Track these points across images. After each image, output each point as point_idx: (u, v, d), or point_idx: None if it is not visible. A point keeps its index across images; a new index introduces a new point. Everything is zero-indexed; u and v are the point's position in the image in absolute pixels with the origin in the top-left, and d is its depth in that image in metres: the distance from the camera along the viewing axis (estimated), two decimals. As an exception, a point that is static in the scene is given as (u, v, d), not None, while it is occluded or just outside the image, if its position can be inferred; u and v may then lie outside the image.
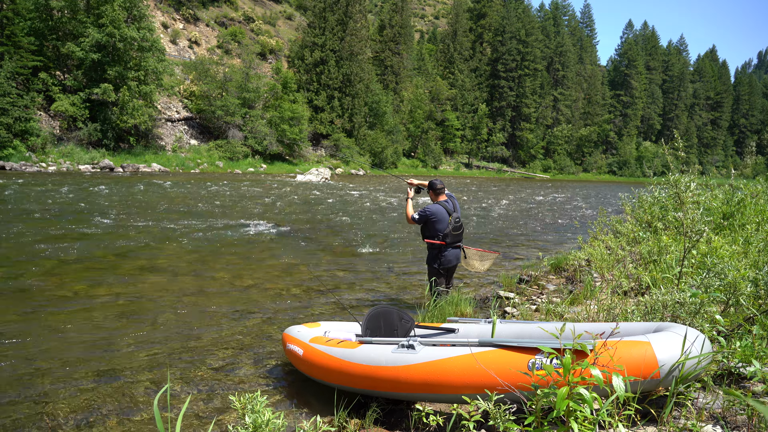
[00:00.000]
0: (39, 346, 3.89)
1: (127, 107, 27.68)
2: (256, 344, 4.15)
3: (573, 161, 69.55)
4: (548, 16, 75.02)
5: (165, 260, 7.03)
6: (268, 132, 36.05)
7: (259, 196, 17.38)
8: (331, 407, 2.90)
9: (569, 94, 71.31)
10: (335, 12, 44.58)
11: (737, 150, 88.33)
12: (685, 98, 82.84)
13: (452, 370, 2.48)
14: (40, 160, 24.15)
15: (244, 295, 5.58)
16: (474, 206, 18.09)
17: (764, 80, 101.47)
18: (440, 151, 54.91)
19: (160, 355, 3.85)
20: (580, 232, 11.36)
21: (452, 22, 63.90)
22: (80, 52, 26.33)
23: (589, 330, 2.68)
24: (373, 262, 7.68)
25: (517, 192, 28.91)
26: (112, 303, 5.05)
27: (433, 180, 4.98)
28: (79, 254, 7.05)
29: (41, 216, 10.09)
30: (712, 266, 3.05)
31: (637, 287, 4.58)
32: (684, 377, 2.11)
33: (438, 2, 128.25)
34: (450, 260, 4.84)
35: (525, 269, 6.78)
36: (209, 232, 9.50)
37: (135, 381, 3.40)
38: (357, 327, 3.73)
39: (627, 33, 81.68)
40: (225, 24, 47.48)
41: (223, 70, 36.40)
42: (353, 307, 5.30)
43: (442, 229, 4.72)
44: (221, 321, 4.67)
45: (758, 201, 5.88)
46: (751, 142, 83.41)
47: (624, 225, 6.55)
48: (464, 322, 3.44)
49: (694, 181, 3.68)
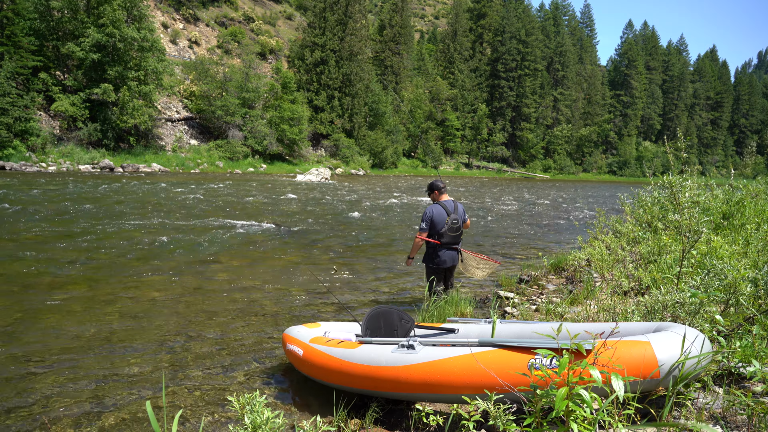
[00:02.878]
0: (38, 346, 3.89)
1: (127, 107, 27.69)
2: (256, 344, 4.15)
3: (573, 161, 69.57)
4: (548, 16, 75.04)
5: (164, 260, 7.03)
6: (268, 132, 36.06)
7: (259, 196, 17.38)
8: (331, 407, 2.90)
9: (569, 94, 71.33)
10: (335, 12, 44.58)
11: (737, 150, 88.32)
12: (685, 98, 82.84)
13: (452, 370, 2.48)
14: (40, 160, 24.16)
15: (244, 295, 5.58)
16: (474, 206, 18.09)
17: (764, 80, 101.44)
18: (440, 151, 54.94)
19: (159, 354, 3.85)
20: (580, 232, 11.36)
21: (452, 22, 63.93)
22: (80, 52, 26.35)
23: (588, 330, 2.68)
24: (373, 262, 7.68)
25: (517, 192, 28.91)
26: (111, 303, 5.05)
27: (435, 180, 4.99)
28: (78, 254, 7.05)
29: (41, 216, 10.09)
30: (712, 267, 3.05)
31: (637, 287, 4.58)
32: (684, 377, 2.11)
33: (438, 2, 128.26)
34: (445, 261, 4.82)
35: (525, 269, 6.77)
36: (209, 232, 9.50)
37: (134, 381, 3.40)
38: (357, 327, 3.73)
39: (627, 33, 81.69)
40: (225, 24, 47.48)
41: (223, 70, 36.41)
42: (353, 307, 5.30)
43: (439, 228, 4.73)
44: (221, 321, 4.67)
45: (758, 201, 5.88)
46: (751, 142, 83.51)
47: (624, 225, 6.55)
48: (464, 322, 3.44)
49: (688, 181, 3.68)
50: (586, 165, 71.12)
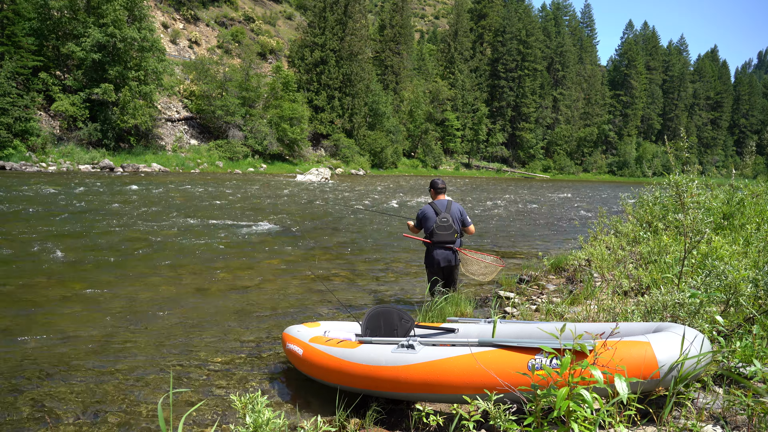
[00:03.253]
0: (40, 346, 3.89)
1: (127, 107, 27.70)
2: (255, 344, 4.15)
3: (573, 161, 69.57)
4: (549, 16, 75.04)
5: (165, 260, 7.03)
6: (268, 132, 36.05)
7: (259, 196, 17.39)
8: (332, 407, 2.90)
9: (569, 94, 71.33)
10: (335, 12, 44.59)
11: (737, 150, 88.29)
12: (685, 98, 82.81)
13: (452, 370, 2.48)
14: (40, 160, 24.16)
15: (244, 295, 5.58)
16: (474, 206, 18.09)
17: (764, 80, 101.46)
18: (440, 151, 54.92)
19: (160, 354, 3.85)
20: (580, 232, 11.35)
21: (453, 22, 63.90)
22: (81, 52, 26.35)
23: (589, 330, 2.68)
24: (373, 262, 7.68)
25: (517, 192, 28.91)
26: (111, 302, 5.05)
27: (434, 180, 5.06)
28: (78, 254, 7.05)
29: (41, 216, 10.09)
30: (713, 268, 3.05)
31: (637, 287, 4.58)
32: (683, 377, 2.11)
33: (438, 2, 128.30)
34: (439, 260, 4.81)
35: (525, 269, 6.77)
36: (209, 232, 9.50)
37: (135, 381, 3.40)
38: (357, 327, 3.73)
39: (627, 33, 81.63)
40: (225, 24, 47.50)
41: (223, 70, 36.41)
42: (353, 306, 5.30)
43: (429, 227, 4.84)
44: (221, 321, 4.67)
45: (758, 201, 5.88)
46: (751, 142, 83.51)
47: (624, 225, 6.55)
48: (464, 322, 3.44)
49: (695, 181, 3.67)
50: (586, 165, 71.12)
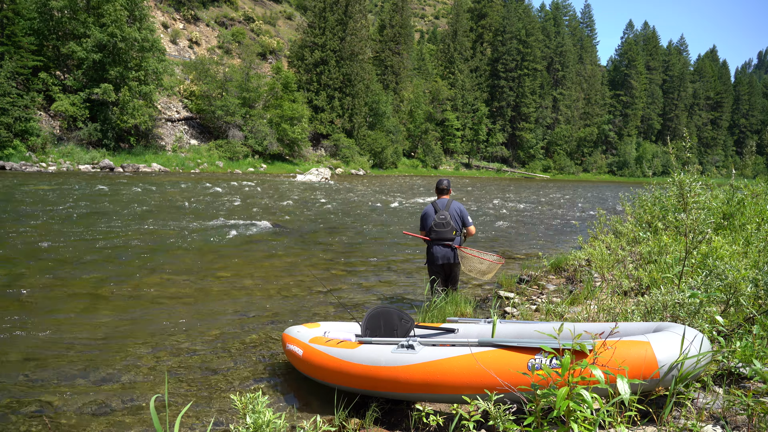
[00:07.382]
0: (39, 346, 3.89)
1: (127, 107, 27.70)
2: (256, 344, 4.15)
3: (573, 161, 69.58)
4: (549, 16, 75.03)
5: (165, 260, 7.02)
6: (268, 132, 36.05)
7: (259, 196, 17.38)
8: (331, 407, 2.90)
9: (569, 94, 71.33)
10: (335, 12, 44.58)
11: (737, 150, 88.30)
12: (685, 98, 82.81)
13: (452, 370, 2.48)
14: (40, 159, 24.16)
15: (244, 295, 5.58)
16: (474, 206, 18.09)
17: (764, 80, 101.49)
18: (440, 151, 54.92)
19: (159, 355, 3.85)
20: (580, 232, 11.35)
21: (452, 22, 63.91)
22: (81, 52, 26.35)
23: (588, 330, 2.68)
24: (373, 262, 7.68)
25: (516, 192, 28.91)
26: (111, 302, 5.05)
27: (440, 179, 5.21)
28: (78, 254, 7.05)
29: (41, 216, 10.09)
30: (713, 268, 3.04)
31: (637, 287, 4.58)
32: (683, 377, 2.11)
33: (438, 2, 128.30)
34: (437, 257, 4.88)
35: (525, 269, 6.77)
36: (209, 232, 9.50)
37: (134, 381, 3.40)
38: (357, 327, 3.73)
39: (627, 33, 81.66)
40: (225, 24, 47.49)
41: (223, 70, 36.41)
42: (353, 307, 5.30)
43: (427, 225, 4.97)
44: (221, 321, 4.67)
45: (758, 201, 5.88)
46: (751, 142, 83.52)
47: (624, 225, 6.55)
48: (464, 322, 3.44)
49: (698, 182, 3.66)
50: (586, 165, 71.13)
